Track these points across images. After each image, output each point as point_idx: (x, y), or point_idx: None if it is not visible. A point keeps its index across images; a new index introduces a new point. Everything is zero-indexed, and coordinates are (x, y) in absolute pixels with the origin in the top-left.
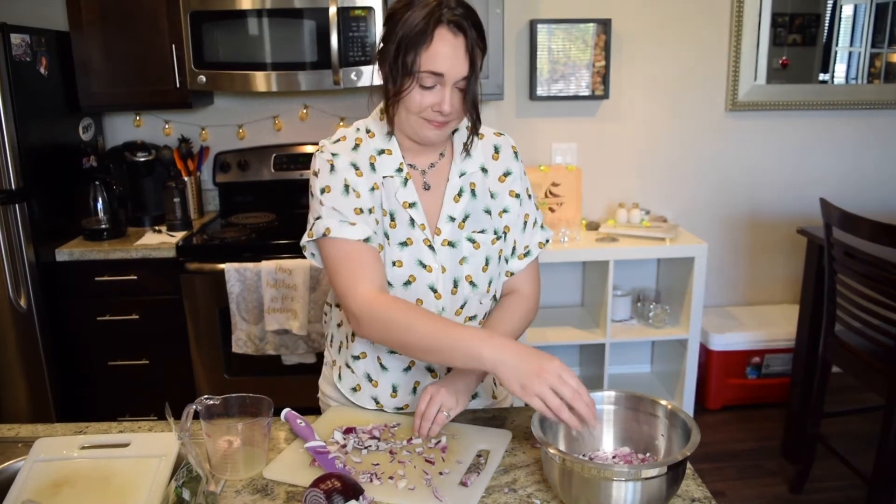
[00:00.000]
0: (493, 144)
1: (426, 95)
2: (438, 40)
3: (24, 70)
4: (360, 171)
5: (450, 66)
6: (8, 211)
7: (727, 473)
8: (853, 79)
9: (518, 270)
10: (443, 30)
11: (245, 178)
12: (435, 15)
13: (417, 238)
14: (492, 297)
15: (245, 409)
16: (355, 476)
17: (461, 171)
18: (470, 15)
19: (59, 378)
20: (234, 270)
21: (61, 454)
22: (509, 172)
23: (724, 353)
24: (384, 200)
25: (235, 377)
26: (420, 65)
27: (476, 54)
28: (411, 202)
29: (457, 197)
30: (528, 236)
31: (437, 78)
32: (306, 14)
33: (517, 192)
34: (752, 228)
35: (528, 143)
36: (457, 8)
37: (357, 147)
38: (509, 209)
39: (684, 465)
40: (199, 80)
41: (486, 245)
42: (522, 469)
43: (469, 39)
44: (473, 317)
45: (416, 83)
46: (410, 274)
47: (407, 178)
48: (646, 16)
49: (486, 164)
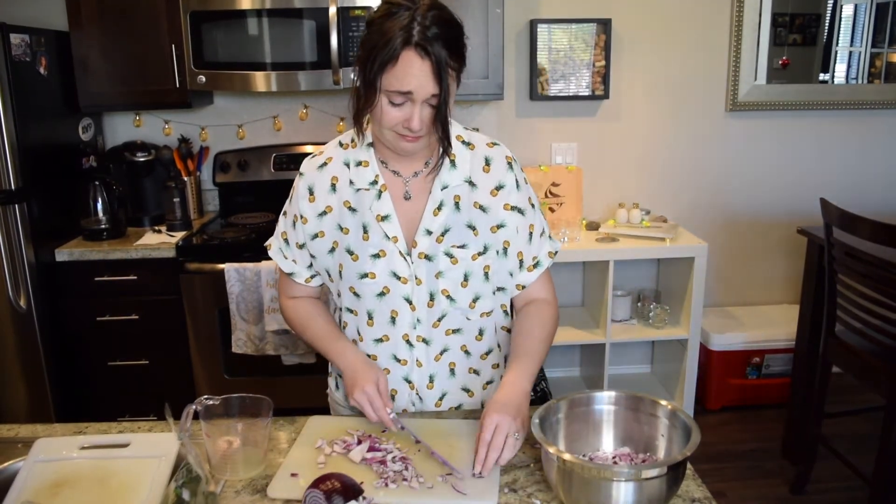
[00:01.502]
0: (483, 156)
1: (395, 111)
2: (404, 62)
3: (24, 70)
4: (314, 195)
5: (416, 85)
6: (8, 211)
7: (727, 474)
8: (853, 79)
9: (529, 283)
10: (409, 52)
11: (245, 178)
12: (403, 36)
13: (391, 250)
14: (485, 314)
15: (245, 410)
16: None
17: (444, 184)
18: (444, 33)
19: (59, 378)
20: (233, 270)
21: (61, 454)
22: (502, 185)
23: (724, 353)
24: (356, 214)
25: (235, 377)
26: (386, 83)
27: (445, 75)
28: (384, 215)
29: (436, 210)
30: (535, 247)
31: (406, 95)
32: (306, 14)
33: (514, 204)
34: (753, 228)
35: (528, 143)
36: (430, 27)
37: (323, 167)
38: (506, 223)
39: (684, 466)
40: (199, 79)
41: (466, 261)
42: (522, 469)
43: (436, 62)
44: (457, 330)
45: (383, 98)
46: (385, 285)
47: (381, 190)
48: (646, 16)
49: (473, 177)
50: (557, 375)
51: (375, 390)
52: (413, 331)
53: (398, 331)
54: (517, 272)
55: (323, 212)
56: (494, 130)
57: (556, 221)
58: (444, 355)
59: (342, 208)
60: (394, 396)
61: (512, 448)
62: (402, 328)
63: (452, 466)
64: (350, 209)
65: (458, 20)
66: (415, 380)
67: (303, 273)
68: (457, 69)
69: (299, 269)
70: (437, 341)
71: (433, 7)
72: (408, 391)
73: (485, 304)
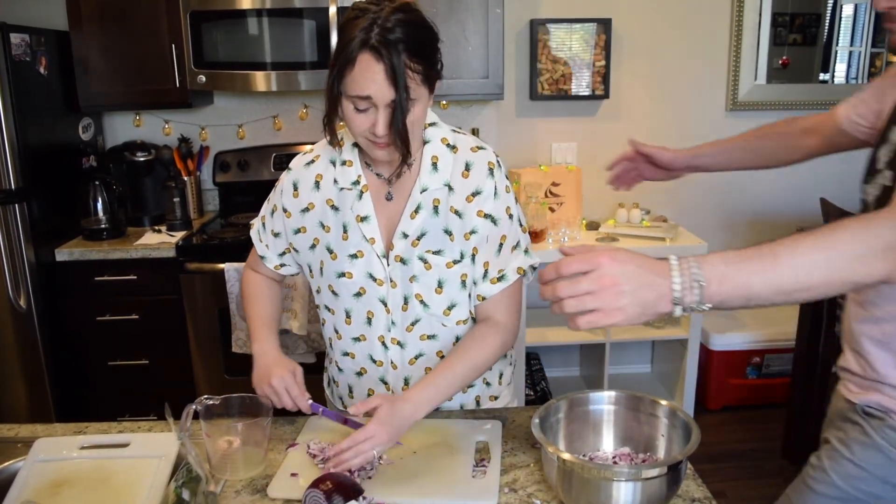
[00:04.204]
0: (465, 161)
1: (361, 118)
2: (360, 64)
3: (24, 70)
4: (298, 191)
5: (375, 90)
6: (8, 211)
7: (727, 473)
8: (853, 78)
9: (490, 295)
10: (365, 54)
11: (245, 177)
12: (361, 38)
13: (368, 251)
14: (461, 322)
15: (245, 409)
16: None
17: (424, 187)
18: (406, 35)
19: (59, 378)
20: (233, 270)
21: (61, 454)
22: (479, 192)
23: (724, 353)
24: (338, 213)
25: (235, 377)
26: (347, 88)
27: (401, 78)
28: (364, 216)
29: (413, 213)
30: (503, 260)
31: (367, 101)
32: (306, 14)
33: (488, 212)
34: (752, 228)
35: (528, 142)
36: (392, 30)
37: (311, 164)
38: (477, 230)
39: (684, 466)
40: (199, 79)
41: (440, 267)
42: (522, 469)
43: (390, 64)
44: (432, 336)
45: (348, 104)
46: (361, 286)
47: (363, 191)
48: (646, 16)
49: (451, 181)
50: (557, 375)
51: (293, 379)
52: (388, 333)
53: (374, 332)
54: (480, 282)
55: (305, 208)
56: (494, 130)
57: (556, 221)
58: (418, 360)
59: (325, 206)
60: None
61: (363, 461)
62: (378, 330)
63: (356, 420)
64: (333, 207)
65: (428, 22)
66: (390, 381)
67: (273, 259)
68: (422, 73)
69: (270, 255)
70: (412, 345)
71: (399, 10)
72: (384, 392)
73: (461, 313)
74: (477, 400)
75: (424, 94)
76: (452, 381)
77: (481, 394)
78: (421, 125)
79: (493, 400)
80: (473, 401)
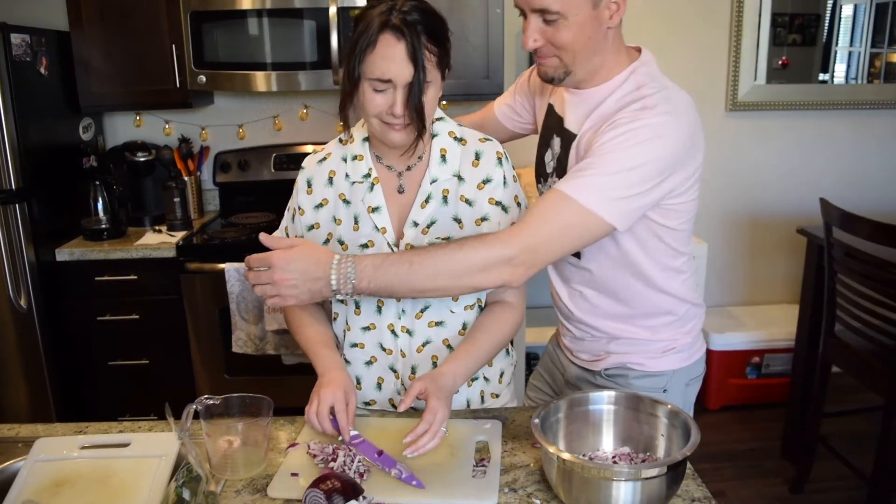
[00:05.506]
0: (474, 151)
1: (378, 98)
2: (382, 45)
3: (25, 70)
4: (312, 188)
5: (395, 70)
6: (8, 211)
7: (727, 473)
8: (853, 79)
9: None
10: (387, 35)
11: (245, 177)
12: (382, 19)
13: (379, 241)
14: (469, 307)
15: (245, 409)
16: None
17: (433, 178)
18: (423, 20)
19: (59, 378)
20: (234, 270)
21: (61, 454)
22: (489, 179)
23: (724, 353)
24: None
25: (235, 377)
26: (367, 70)
27: (420, 56)
28: (375, 206)
29: (424, 203)
30: None
31: (386, 82)
32: (306, 14)
33: (498, 199)
34: (752, 228)
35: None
36: (410, 12)
37: (323, 161)
38: (489, 217)
39: (684, 465)
40: (200, 79)
41: None
42: (522, 469)
43: (410, 43)
44: (440, 323)
45: (367, 86)
46: None
47: (374, 183)
48: (646, 16)
49: (462, 172)
50: None
51: (344, 405)
52: (398, 321)
53: (384, 320)
54: None
55: (319, 204)
56: None
57: None
58: (426, 347)
59: (337, 200)
60: (381, 385)
61: (439, 440)
62: (388, 318)
63: (417, 480)
64: (344, 201)
65: (440, 14)
66: (399, 370)
67: None
68: (437, 56)
69: None
70: (420, 333)
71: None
72: (393, 380)
73: (468, 298)
74: (481, 395)
75: (437, 78)
76: (477, 354)
77: (485, 389)
78: (433, 109)
79: (495, 398)
80: (478, 396)
